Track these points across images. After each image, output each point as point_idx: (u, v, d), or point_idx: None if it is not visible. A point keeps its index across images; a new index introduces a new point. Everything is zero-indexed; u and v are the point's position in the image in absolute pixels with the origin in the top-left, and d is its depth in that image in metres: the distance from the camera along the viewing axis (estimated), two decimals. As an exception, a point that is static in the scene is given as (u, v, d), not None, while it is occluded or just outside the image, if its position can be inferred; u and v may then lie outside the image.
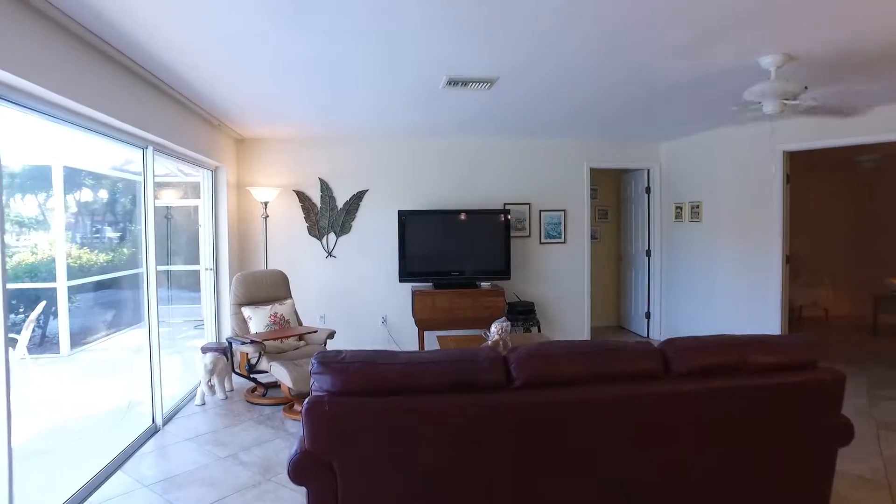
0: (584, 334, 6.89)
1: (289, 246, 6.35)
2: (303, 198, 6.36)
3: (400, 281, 6.11)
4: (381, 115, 5.11)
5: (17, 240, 7.32)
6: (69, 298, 7.81)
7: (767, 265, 5.62)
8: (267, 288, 5.11)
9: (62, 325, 7.11)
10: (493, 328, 4.48)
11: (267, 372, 4.47)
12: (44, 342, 7.31)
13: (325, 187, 6.39)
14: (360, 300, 6.46)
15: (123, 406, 4.59)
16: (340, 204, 6.42)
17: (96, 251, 9.80)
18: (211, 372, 4.62)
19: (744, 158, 5.77)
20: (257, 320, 4.82)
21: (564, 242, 6.84)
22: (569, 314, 6.86)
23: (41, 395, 5.13)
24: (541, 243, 6.79)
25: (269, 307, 4.93)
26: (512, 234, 6.43)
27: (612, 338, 7.22)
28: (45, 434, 4.24)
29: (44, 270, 7.25)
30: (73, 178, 8.66)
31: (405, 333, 6.47)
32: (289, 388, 4.23)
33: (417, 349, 6.14)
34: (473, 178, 6.60)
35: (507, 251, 6.23)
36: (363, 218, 6.45)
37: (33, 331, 7.14)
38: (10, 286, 7.68)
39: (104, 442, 3.81)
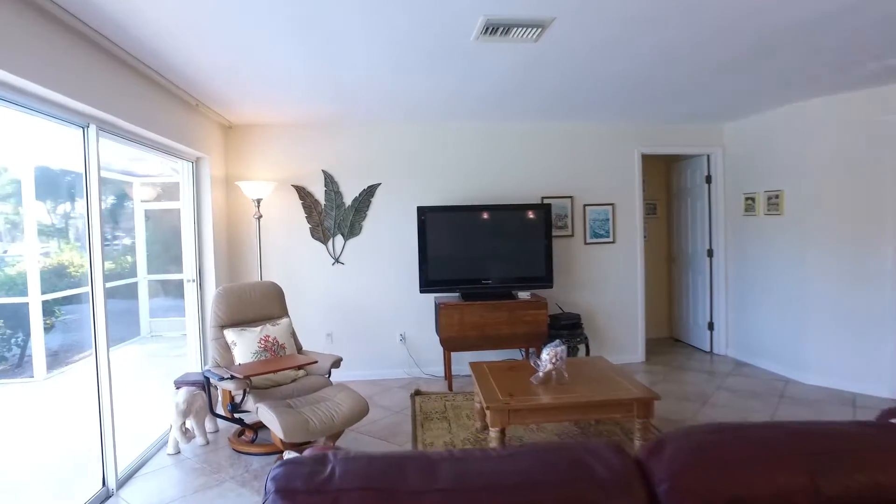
0: (637, 351, 5.82)
1: (287, 251, 5.37)
2: (304, 194, 5.37)
3: (421, 291, 5.10)
4: (394, 84, 4.07)
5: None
6: (52, 313, 6.95)
7: (881, 272, 4.51)
8: (256, 305, 4.13)
9: (35, 345, 6.23)
10: (545, 354, 3.46)
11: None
12: (22, 363, 6.46)
13: (329, 181, 5.40)
14: (374, 315, 5.46)
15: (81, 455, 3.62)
16: (348, 201, 5.43)
17: (85, 258, 9.01)
18: (184, 413, 3.65)
19: (849, 135, 4.65)
20: (244, 346, 3.83)
21: (613, 242, 5.78)
22: (619, 327, 5.79)
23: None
24: (586, 244, 5.74)
25: (259, 329, 3.95)
26: (553, 234, 5.40)
27: (666, 352, 6.15)
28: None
29: (20, 283, 6.38)
30: (47, 180, 7.79)
31: (428, 353, 5.46)
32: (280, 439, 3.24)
33: (443, 375, 5.12)
34: (507, 168, 5.57)
35: (549, 254, 5.19)
36: (376, 217, 5.46)
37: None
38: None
39: None
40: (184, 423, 3.67)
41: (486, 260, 5.16)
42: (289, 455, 3.37)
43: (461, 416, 4.26)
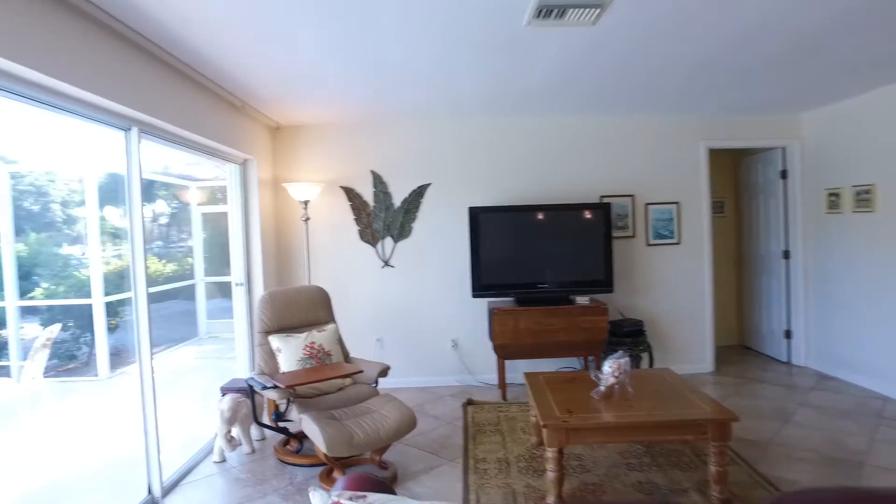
0: (705, 361, 5.40)
1: (336, 254, 5.26)
2: (352, 195, 5.25)
3: (473, 296, 4.88)
4: (439, 78, 3.87)
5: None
6: (117, 314, 7.14)
7: None
8: (301, 310, 4.01)
9: (99, 345, 6.39)
10: (607, 367, 3.18)
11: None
12: (91, 362, 6.65)
13: (378, 182, 5.25)
14: (425, 320, 5.28)
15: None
16: (398, 202, 5.27)
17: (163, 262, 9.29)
18: (229, 421, 3.56)
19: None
20: (289, 353, 3.72)
21: (678, 243, 5.39)
22: (685, 334, 5.39)
23: (46, 434, 4.28)
24: (648, 245, 5.37)
25: (305, 335, 3.83)
26: (613, 235, 5.07)
27: (737, 361, 5.69)
28: (36, 495, 3.31)
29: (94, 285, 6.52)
30: (115, 185, 8.05)
31: (482, 361, 5.23)
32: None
33: (497, 383, 4.89)
34: (561, 165, 5.28)
35: (608, 256, 4.87)
36: (426, 218, 5.28)
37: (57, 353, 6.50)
38: (51, 302, 7.17)
39: None
40: (229, 431, 3.59)
41: (541, 263, 4.88)
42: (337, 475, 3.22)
43: (516, 429, 4.02)
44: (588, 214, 4.91)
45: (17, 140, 6.52)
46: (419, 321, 5.28)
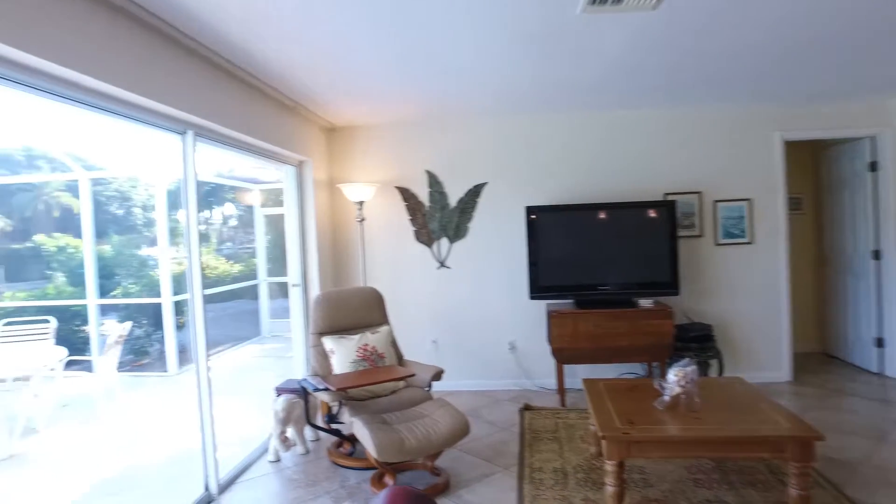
0: (782, 369, 5.02)
1: (391, 255, 5.23)
2: (407, 196, 5.21)
3: (531, 297, 4.73)
4: (491, 74, 3.74)
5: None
6: (185, 312, 7.43)
7: None
8: (355, 312, 3.99)
9: (168, 342, 6.65)
10: (672, 375, 2.97)
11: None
12: (163, 358, 6.95)
13: (433, 182, 5.19)
14: (482, 322, 5.17)
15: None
16: (453, 202, 5.18)
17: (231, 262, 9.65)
18: (283, 421, 3.58)
19: None
20: (342, 355, 3.70)
21: (751, 243, 5.03)
22: (759, 340, 5.03)
23: (119, 426, 4.46)
24: (717, 244, 5.04)
25: (358, 337, 3.80)
26: (678, 234, 4.79)
27: (818, 371, 5.26)
28: (107, 484, 3.45)
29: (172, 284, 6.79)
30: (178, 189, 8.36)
31: (539, 364, 5.07)
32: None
33: (556, 388, 4.71)
34: (623, 161, 5.04)
35: (674, 257, 4.60)
36: (482, 218, 5.16)
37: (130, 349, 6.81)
38: (127, 301, 7.54)
39: None
40: (283, 431, 3.60)
41: (602, 264, 4.67)
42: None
43: (574, 437, 3.84)
44: (652, 213, 4.66)
45: (102, 148, 6.88)
46: (476, 323, 5.18)
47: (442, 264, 5.22)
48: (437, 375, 3.71)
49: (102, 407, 4.78)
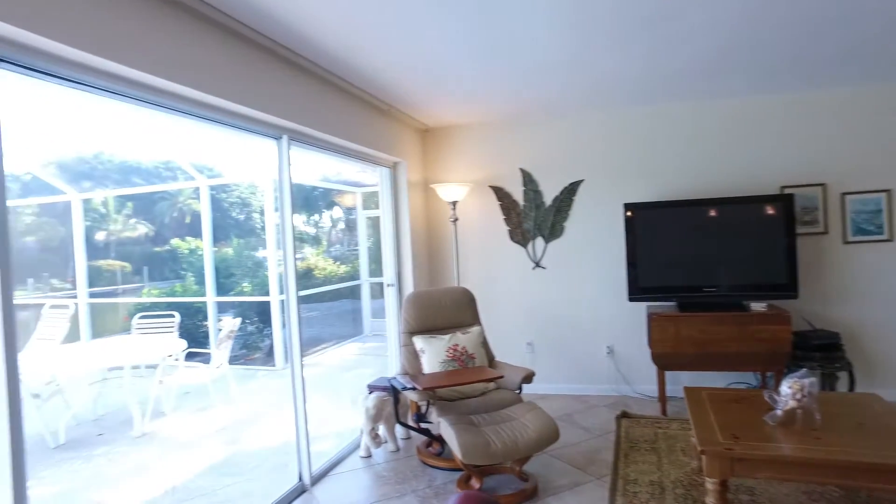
0: (932, 384, 4.38)
1: (485, 255, 5.19)
2: (501, 195, 5.14)
3: (630, 299, 4.49)
4: (581, 66, 3.58)
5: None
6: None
7: None
8: (446, 311, 3.99)
9: (276, 339, 7.07)
10: (786, 387, 2.68)
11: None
12: (271, 353, 7.42)
13: (528, 180, 5.08)
14: (578, 324, 4.99)
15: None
16: (548, 200, 5.05)
17: (337, 263, 10.13)
18: (374, 418, 3.65)
19: None
20: (432, 354, 3.71)
21: (889, 240, 4.43)
22: (898, 350, 4.43)
23: (229, 415, 4.79)
24: (845, 242, 4.49)
25: (448, 337, 3.79)
26: (797, 231, 4.33)
27: None
28: (218, 466, 3.74)
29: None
30: (297, 194, 8.86)
31: (640, 370, 4.80)
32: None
33: (657, 396, 4.43)
34: (730, 153, 4.64)
35: (792, 256, 4.16)
36: (578, 217, 4.98)
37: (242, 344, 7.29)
38: (241, 299, 8.11)
39: (255, 493, 3.25)
40: (373, 428, 3.67)
41: (708, 264, 4.33)
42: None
43: (675, 449, 3.58)
44: (765, 208, 4.24)
45: (221, 157, 7.46)
46: (572, 325, 5.00)
47: (537, 264, 5.10)
48: (528, 378, 3.61)
49: (215, 396, 5.16)
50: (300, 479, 3.31)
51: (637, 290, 4.45)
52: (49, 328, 6.07)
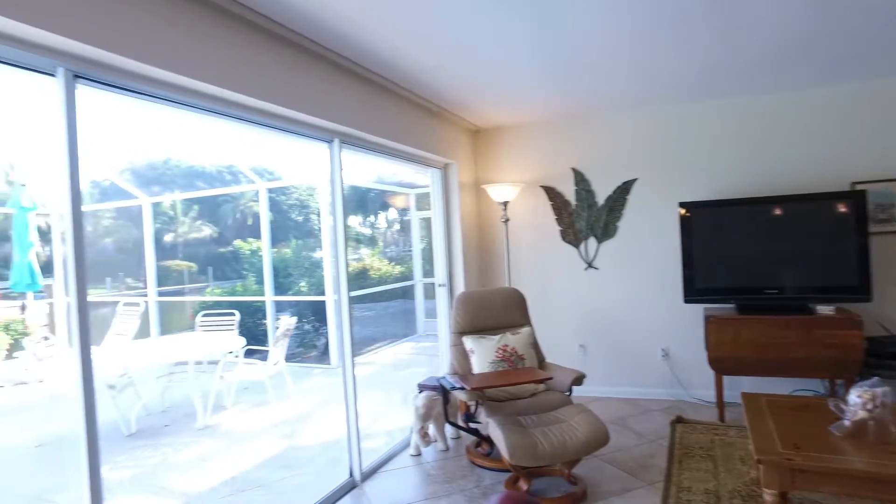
0: None
1: (536, 256, 5.15)
2: (553, 195, 5.09)
3: (685, 301, 4.36)
4: (635, 62, 3.51)
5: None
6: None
7: None
8: (496, 312, 3.99)
9: (331, 338, 7.25)
10: (855, 395, 2.55)
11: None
12: (327, 352, 7.63)
13: (580, 179, 5.01)
14: (632, 326, 4.88)
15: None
16: (601, 200, 4.96)
17: (392, 263, 10.32)
18: (423, 417, 3.69)
19: None
20: (481, 354, 3.72)
21: (975, 239, 4.12)
22: None
23: (285, 411, 4.95)
24: (927, 242, 4.21)
25: (498, 337, 3.79)
26: (870, 230, 4.08)
27: None
28: (273, 459, 3.89)
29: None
30: (356, 197, 9.12)
31: (697, 375, 4.64)
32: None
33: (714, 401, 4.28)
34: (794, 149, 4.42)
35: (864, 256, 3.92)
36: (632, 216, 4.87)
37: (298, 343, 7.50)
38: (298, 298, 8.37)
39: (308, 487, 3.33)
40: (422, 427, 3.72)
41: (769, 264, 4.14)
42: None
43: (732, 457, 3.45)
44: (834, 205, 4.02)
45: (282, 160, 7.73)
46: (625, 327, 4.90)
47: (590, 265, 5.02)
48: (578, 380, 3.56)
49: (272, 392, 5.34)
50: (351, 474, 3.39)
51: (693, 292, 4.32)
52: (123, 324, 6.45)
